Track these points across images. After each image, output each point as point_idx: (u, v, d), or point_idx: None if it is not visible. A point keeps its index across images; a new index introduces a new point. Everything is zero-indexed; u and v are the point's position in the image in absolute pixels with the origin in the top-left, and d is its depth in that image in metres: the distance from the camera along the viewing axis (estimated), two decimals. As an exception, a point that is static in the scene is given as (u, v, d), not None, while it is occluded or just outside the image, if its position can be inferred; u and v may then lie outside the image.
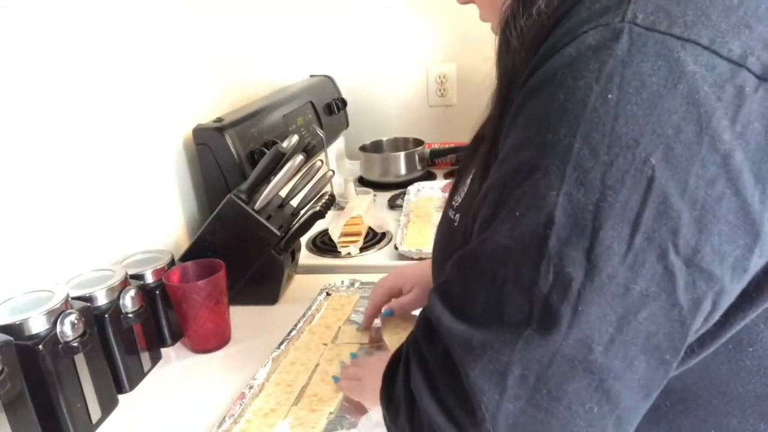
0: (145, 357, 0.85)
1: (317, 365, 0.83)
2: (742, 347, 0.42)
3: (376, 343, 0.87)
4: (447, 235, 0.61)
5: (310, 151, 1.03)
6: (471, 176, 0.59)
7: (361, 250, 1.21)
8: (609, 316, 0.37)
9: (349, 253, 1.20)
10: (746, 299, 0.39)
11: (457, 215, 0.58)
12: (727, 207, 0.35)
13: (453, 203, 0.61)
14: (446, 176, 1.67)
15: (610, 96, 0.36)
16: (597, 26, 0.37)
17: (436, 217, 1.36)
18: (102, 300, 0.78)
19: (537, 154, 0.38)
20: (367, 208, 1.35)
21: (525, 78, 0.41)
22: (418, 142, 1.70)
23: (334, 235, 1.24)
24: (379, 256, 1.21)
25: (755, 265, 0.37)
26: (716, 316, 0.39)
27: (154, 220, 1.04)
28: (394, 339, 0.80)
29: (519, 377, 0.39)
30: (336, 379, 0.79)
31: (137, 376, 0.83)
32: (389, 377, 0.53)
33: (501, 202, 0.41)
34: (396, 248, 1.17)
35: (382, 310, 0.87)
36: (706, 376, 0.43)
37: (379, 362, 0.68)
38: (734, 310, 0.39)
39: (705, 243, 0.36)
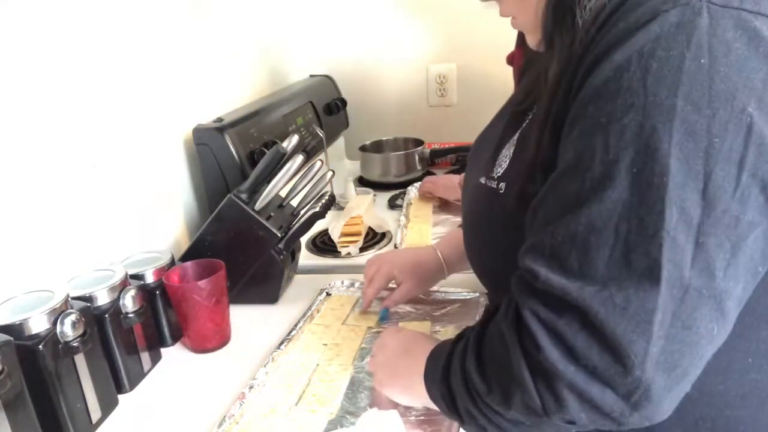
0: (145, 357, 0.85)
1: (317, 365, 0.83)
2: None
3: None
4: (491, 203, 0.65)
5: (310, 151, 1.03)
6: (513, 149, 0.65)
7: (361, 250, 1.21)
8: (725, 244, 0.43)
9: (349, 253, 1.20)
10: None
11: (503, 184, 0.64)
12: None
13: (492, 174, 0.66)
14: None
15: (703, 61, 0.42)
16: (677, 5, 0.44)
17: (436, 217, 1.36)
18: (102, 300, 0.77)
19: (640, 116, 0.43)
20: (367, 208, 1.35)
21: (596, 55, 0.47)
22: (418, 142, 1.70)
23: (334, 235, 1.24)
24: (379, 256, 1.20)
25: None
26: None
27: (154, 220, 1.03)
28: None
29: (661, 318, 0.43)
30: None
31: (137, 376, 0.83)
32: (477, 363, 0.53)
33: (610, 162, 0.44)
34: (396, 248, 1.17)
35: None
36: None
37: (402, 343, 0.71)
38: None
39: None
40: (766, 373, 0.53)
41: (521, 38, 0.88)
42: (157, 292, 0.88)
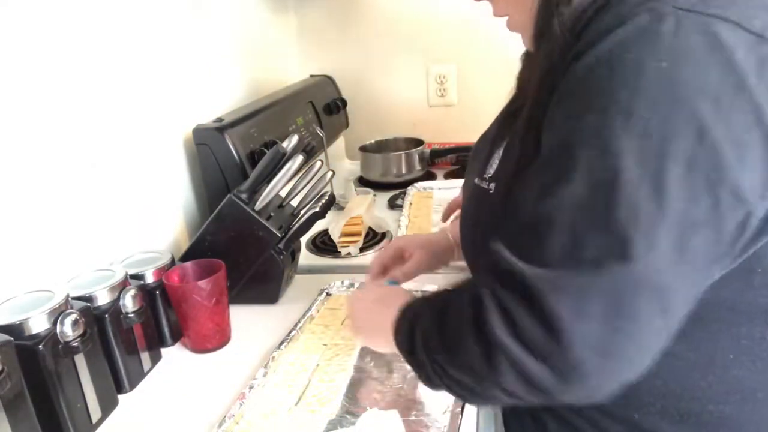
0: (145, 357, 0.85)
1: (317, 365, 0.83)
2: (751, 267, 0.51)
3: None
4: (481, 204, 0.67)
5: (310, 151, 1.03)
6: (503, 149, 0.66)
7: (361, 250, 1.21)
8: (673, 242, 0.44)
9: (349, 253, 1.20)
10: (765, 227, 0.47)
11: (492, 184, 0.65)
12: (760, 148, 0.44)
13: (484, 175, 0.67)
14: (446, 176, 1.67)
15: (664, 64, 0.44)
16: (643, 11, 0.46)
17: (436, 217, 1.36)
18: (102, 300, 0.78)
19: (600, 116, 0.45)
20: (367, 208, 1.35)
21: (571, 58, 0.49)
22: (418, 142, 1.70)
23: (334, 235, 1.24)
24: (379, 256, 1.20)
25: None
26: (746, 239, 0.47)
27: (154, 220, 1.03)
28: None
29: (601, 305, 0.45)
30: (392, 282, 0.85)
31: (137, 376, 0.83)
32: (437, 325, 0.55)
33: (568, 158, 0.47)
34: (397, 247, 1.17)
35: (385, 281, 0.88)
36: (720, 294, 0.51)
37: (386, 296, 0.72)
38: (752, 236, 0.47)
39: (744, 177, 0.44)
40: (747, 369, 0.55)
41: None
42: (157, 292, 0.88)
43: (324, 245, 1.26)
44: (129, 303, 0.80)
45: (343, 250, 1.21)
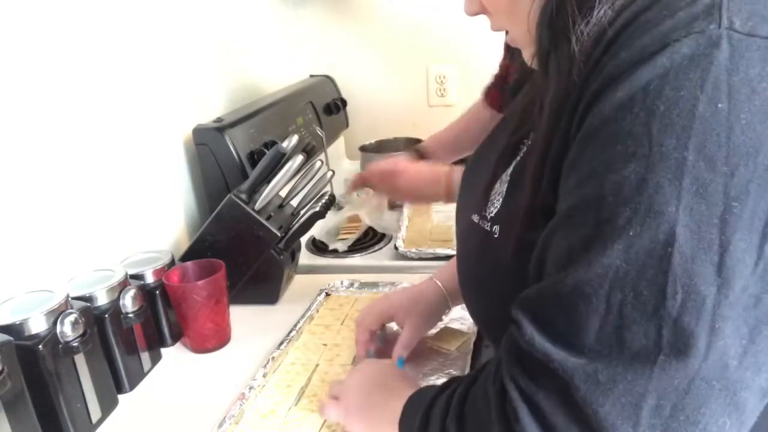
0: (145, 357, 0.85)
1: (317, 365, 0.83)
2: None
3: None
4: (484, 248, 0.57)
5: (310, 151, 1.03)
6: (506, 186, 0.56)
7: (359, 250, 1.21)
8: (742, 328, 0.36)
9: (336, 249, 1.20)
10: None
11: (496, 227, 0.55)
12: None
13: (484, 213, 0.57)
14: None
15: (720, 105, 0.35)
16: (690, 34, 0.36)
17: (436, 216, 1.36)
18: (102, 300, 0.78)
19: (643, 168, 0.37)
20: (375, 209, 1.36)
21: (598, 88, 0.40)
22: (418, 142, 1.70)
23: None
24: (379, 256, 1.21)
25: None
26: None
27: (154, 220, 1.03)
28: None
29: (654, 407, 0.37)
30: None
31: (137, 376, 0.83)
32: (456, 420, 0.49)
33: (604, 221, 0.38)
34: (396, 248, 1.17)
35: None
36: None
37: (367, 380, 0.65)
38: None
39: None
40: None
41: (512, 51, 0.75)
42: (157, 292, 0.88)
43: (324, 245, 1.26)
44: (129, 303, 0.80)
45: (331, 245, 1.21)
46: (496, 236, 0.55)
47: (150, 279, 0.88)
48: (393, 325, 0.85)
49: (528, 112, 0.57)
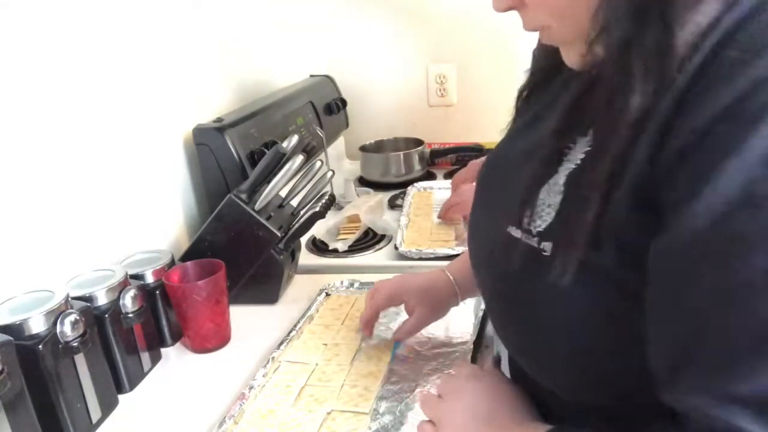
0: (145, 357, 0.85)
1: (316, 365, 0.83)
2: None
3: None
4: (528, 266, 0.49)
5: (310, 151, 1.03)
6: (559, 199, 0.48)
7: (358, 250, 1.21)
8: None
9: (336, 249, 1.20)
10: None
11: (547, 244, 0.47)
12: None
13: (529, 228, 0.49)
14: (446, 176, 1.67)
15: None
16: None
17: (435, 216, 1.36)
18: (102, 300, 0.78)
19: None
20: (373, 209, 1.36)
21: (698, 101, 0.36)
22: (418, 142, 1.70)
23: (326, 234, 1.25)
24: (379, 256, 1.21)
25: None
26: None
27: (154, 220, 1.04)
28: None
29: None
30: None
31: (137, 376, 0.83)
32: None
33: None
34: (396, 248, 1.17)
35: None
36: None
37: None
38: None
39: None
40: None
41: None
42: (157, 292, 0.88)
43: (324, 245, 1.26)
44: (129, 303, 0.80)
45: (331, 245, 1.21)
46: (546, 253, 0.47)
47: (150, 279, 0.88)
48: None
49: (575, 116, 0.49)
